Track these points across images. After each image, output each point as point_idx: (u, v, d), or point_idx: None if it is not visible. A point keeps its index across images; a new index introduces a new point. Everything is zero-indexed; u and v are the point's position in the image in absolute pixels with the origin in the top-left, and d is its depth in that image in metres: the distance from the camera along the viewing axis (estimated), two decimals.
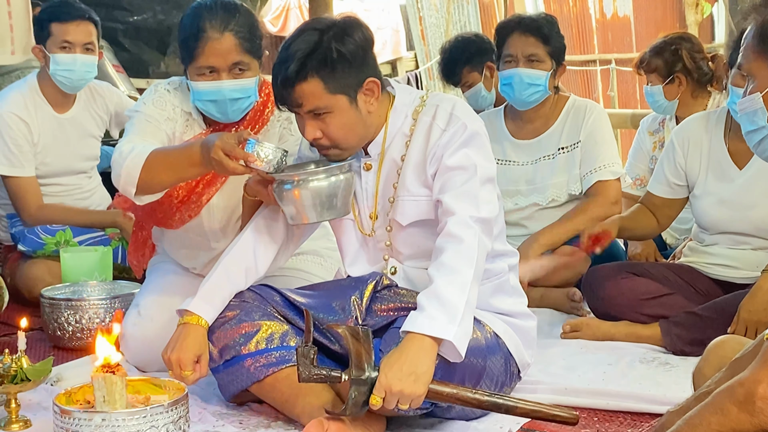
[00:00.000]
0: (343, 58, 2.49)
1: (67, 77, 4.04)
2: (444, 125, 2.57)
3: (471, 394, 2.36)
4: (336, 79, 2.49)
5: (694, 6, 14.18)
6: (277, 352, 2.59)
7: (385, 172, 2.65)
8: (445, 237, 2.43)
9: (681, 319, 3.22)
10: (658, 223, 3.53)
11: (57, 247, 3.95)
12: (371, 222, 2.69)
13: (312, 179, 2.56)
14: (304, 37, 2.50)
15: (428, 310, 2.31)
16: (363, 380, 2.30)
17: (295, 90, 2.49)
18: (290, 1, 11.75)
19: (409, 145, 2.62)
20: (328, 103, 2.50)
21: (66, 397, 2.35)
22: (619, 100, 12.09)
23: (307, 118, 2.53)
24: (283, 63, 2.50)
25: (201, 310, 2.61)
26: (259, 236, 2.71)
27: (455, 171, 2.50)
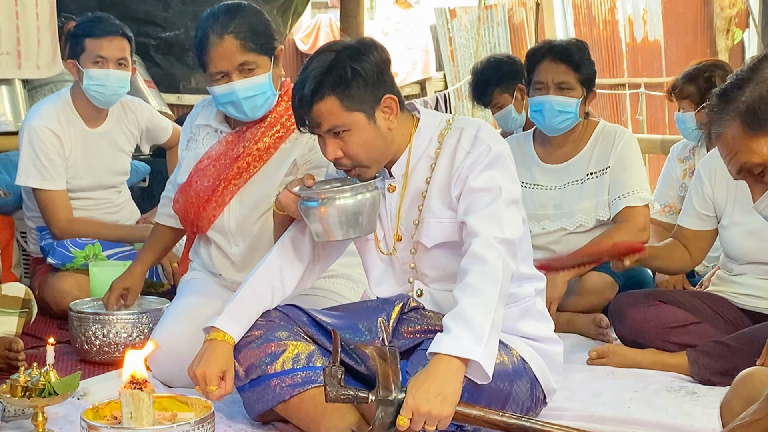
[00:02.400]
0: (358, 75, 2.52)
1: (100, 92, 4.07)
2: (468, 147, 2.58)
3: (498, 416, 2.35)
4: (352, 97, 2.52)
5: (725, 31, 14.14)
6: (303, 373, 2.60)
7: (410, 194, 2.66)
8: (470, 258, 2.43)
9: (709, 348, 3.20)
10: (691, 256, 3.48)
11: (86, 261, 3.97)
12: (394, 242, 2.69)
13: (338, 197, 2.57)
14: (321, 57, 2.55)
15: (454, 331, 2.32)
16: (390, 401, 2.30)
17: (312, 110, 2.52)
18: (321, 20, 11.80)
19: (434, 167, 2.63)
20: (345, 120, 2.52)
21: (93, 412, 2.35)
22: (648, 124, 12.05)
23: (328, 138, 2.56)
24: (300, 84, 2.54)
25: (227, 327, 2.62)
26: (286, 255, 2.72)
27: (480, 193, 2.52)
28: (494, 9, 12.66)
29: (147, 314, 3.38)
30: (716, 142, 1.93)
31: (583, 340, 3.69)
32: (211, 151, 3.20)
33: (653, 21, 13.83)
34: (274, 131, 3.15)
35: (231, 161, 3.15)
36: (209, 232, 3.24)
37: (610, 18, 13.53)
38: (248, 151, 3.14)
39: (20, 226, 4.50)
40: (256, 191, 3.14)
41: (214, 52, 3.02)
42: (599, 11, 13.42)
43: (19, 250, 4.56)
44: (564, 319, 3.71)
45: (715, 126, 1.89)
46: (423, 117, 2.68)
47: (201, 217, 3.21)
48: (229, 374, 2.60)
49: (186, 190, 3.23)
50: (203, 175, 3.19)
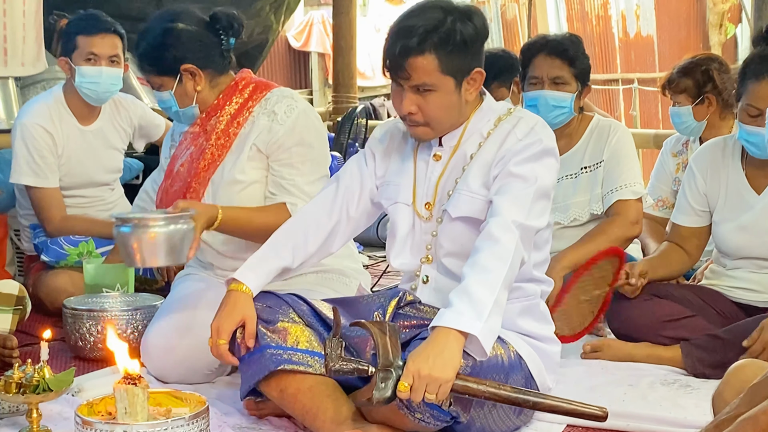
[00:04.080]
0: (462, 41, 2.55)
1: (93, 89, 4.07)
2: (522, 136, 2.61)
3: (497, 389, 2.36)
4: (451, 60, 2.55)
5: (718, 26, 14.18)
6: (300, 354, 2.61)
7: (452, 166, 2.69)
8: (484, 237, 2.46)
9: (702, 341, 3.21)
10: (688, 255, 3.49)
11: (80, 258, 3.97)
12: (426, 211, 2.71)
13: (151, 225, 2.69)
14: (429, 13, 2.56)
15: (456, 306, 2.34)
16: (390, 372, 2.31)
17: (408, 62, 2.53)
18: (314, 17, 11.81)
19: (482, 145, 2.66)
20: (436, 81, 2.55)
21: (88, 408, 2.35)
22: (642, 119, 12.09)
23: (408, 92, 2.58)
24: (403, 34, 2.54)
25: (245, 278, 2.64)
26: (313, 214, 2.77)
27: (516, 178, 2.54)
28: (487, 5, 12.68)
29: (141, 311, 3.38)
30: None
31: None
32: (179, 151, 3.32)
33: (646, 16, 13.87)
34: (233, 122, 3.22)
35: (198, 156, 3.24)
36: None
37: (603, 13, 13.57)
38: (210, 143, 3.23)
39: (14, 223, 4.49)
40: (224, 179, 3.20)
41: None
42: (592, 6, 13.45)
43: (12, 247, 4.55)
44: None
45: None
46: (487, 99, 2.73)
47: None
48: (250, 321, 2.60)
49: (165, 192, 3.33)
50: (177, 176, 3.29)
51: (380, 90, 11.93)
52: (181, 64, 3.18)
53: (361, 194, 2.80)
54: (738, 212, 3.33)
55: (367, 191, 2.80)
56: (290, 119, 3.16)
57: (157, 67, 3.19)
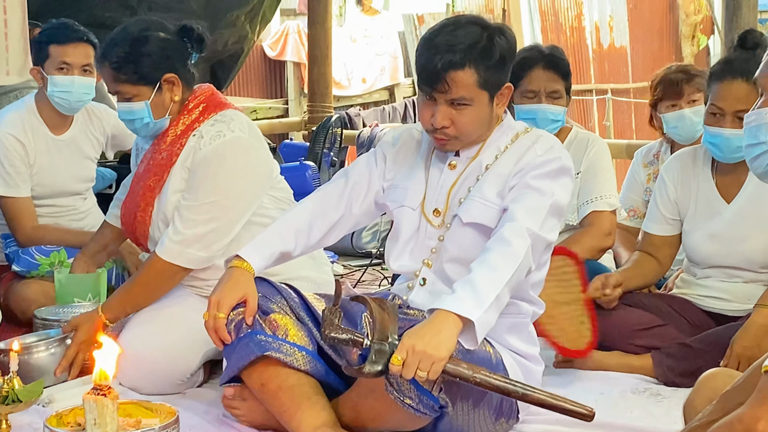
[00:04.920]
0: (501, 56, 2.62)
1: (65, 99, 4.05)
2: (542, 152, 2.66)
3: (487, 376, 2.37)
4: (488, 76, 2.60)
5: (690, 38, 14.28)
6: (287, 345, 2.62)
7: (466, 175, 2.73)
8: (497, 239, 2.49)
9: (673, 350, 3.23)
10: (659, 264, 3.50)
11: (51, 268, 3.94)
12: (434, 217, 2.73)
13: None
14: (468, 28, 2.61)
15: (459, 293, 2.37)
16: (384, 344, 2.33)
17: (449, 75, 2.57)
18: (289, 26, 11.79)
19: (498, 157, 2.71)
20: (473, 95, 2.60)
21: (57, 419, 2.34)
22: (615, 129, 12.15)
23: (443, 105, 2.61)
24: (444, 48, 2.57)
25: (249, 257, 2.65)
26: (321, 204, 2.79)
27: (533, 191, 2.59)
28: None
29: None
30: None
31: None
32: (138, 171, 3.31)
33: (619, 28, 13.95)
34: (177, 142, 3.20)
35: (146, 176, 3.24)
36: (150, 246, 3.28)
37: (577, 25, 13.64)
38: (156, 163, 3.22)
39: None
40: (167, 200, 3.19)
41: (101, 75, 3.24)
42: (566, 18, 13.52)
43: None
44: None
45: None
46: (507, 117, 2.79)
47: (137, 235, 3.30)
48: (251, 298, 2.61)
49: (122, 211, 3.35)
50: (132, 194, 3.30)
51: (355, 99, 11.93)
52: (164, 73, 3.17)
53: (367, 193, 2.83)
54: (708, 221, 3.36)
55: (373, 191, 2.83)
56: (212, 145, 3.11)
57: (137, 76, 3.15)
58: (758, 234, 3.28)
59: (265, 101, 11.24)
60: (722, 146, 3.23)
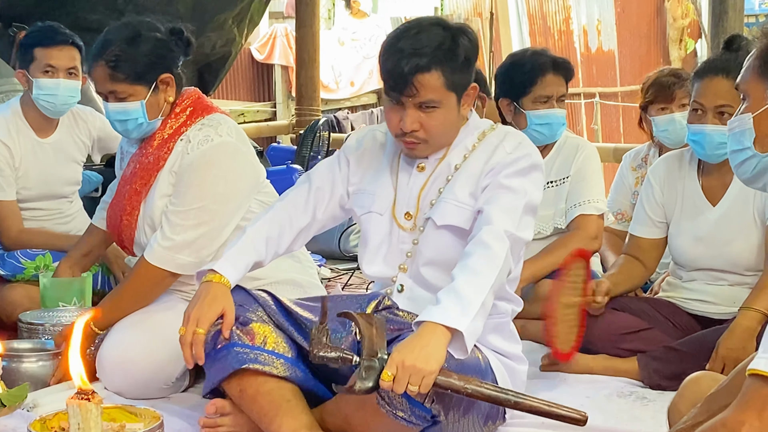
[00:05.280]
0: (465, 57, 2.61)
1: (50, 102, 4.04)
2: (511, 149, 2.67)
3: (478, 386, 2.37)
4: (454, 76, 2.60)
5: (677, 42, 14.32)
6: (266, 354, 2.60)
7: (435, 176, 2.72)
8: (476, 243, 2.48)
9: (659, 353, 3.24)
10: (645, 267, 3.50)
11: (37, 272, 3.92)
12: (406, 220, 2.73)
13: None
14: (431, 31, 2.59)
15: (444, 303, 2.36)
16: (374, 360, 2.32)
17: (417, 79, 2.55)
18: (277, 29, 11.79)
19: (467, 157, 2.70)
20: (441, 97, 2.60)
21: (41, 423, 2.32)
22: (603, 133, 12.18)
23: (411, 109, 2.60)
24: (408, 52, 2.56)
25: (224, 270, 2.63)
26: (287, 214, 2.77)
27: (506, 190, 2.59)
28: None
29: None
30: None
31: (536, 346, 3.69)
32: (124, 174, 3.30)
33: (607, 31, 13.98)
34: (165, 146, 3.19)
35: (132, 179, 3.22)
36: (136, 251, 3.28)
37: (565, 28, 13.67)
38: (143, 167, 3.20)
39: None
40: (154, 204, 3.18)
41: (92, 75, 3.18)
42: (554, 21, 13.55)
43: None
44: (517, 325, 3.70)
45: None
46: (473, 116, 2.78)
47: (123, 238, 3.29)
48: (229, 313, 2.59)
49: (108, 214, 3.34)
50: (118, 197, 3.28)
51: (343, 103, 11.94)
52: (160, 73, 3.16)
53: (331, 197, 2.81)
54: (694, 223, 3.36)
55: (337, 195, 2.82)
56: (199, 150, 3.11)
57: (135, 75, 3.12)
58: (743, 236, 3.29)
59: (252, 104, 11.23)
60: (704, 143, 3.24)
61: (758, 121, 1.92)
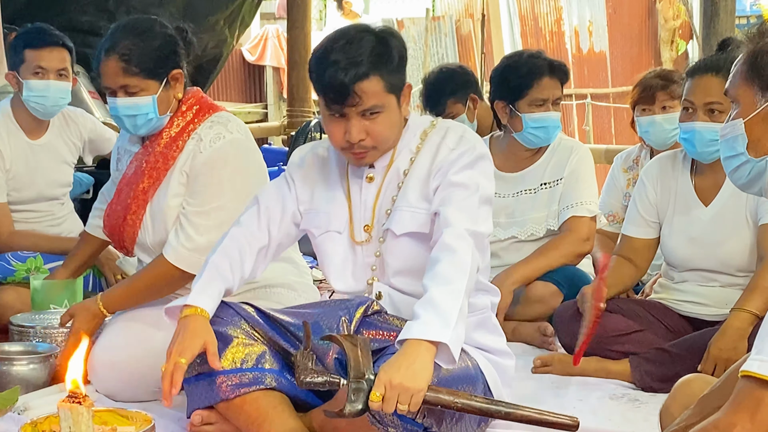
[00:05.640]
0: (400, 58, 2.61)
1: (41, 103, 4.03)
2: (453, 145, 2.65)
3: (468, 400, 2.36)
4: (392, 79, 2.60)
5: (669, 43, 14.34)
6: (251, 373, 2.59)
7: (386, 185, 2.71)
8: (440, 248, 2.46)
9: (651, 355, 3.24)
10: (636, 268, 3.50)
11: (27, 274, 3.92)
12: (366, 234, 2.71)
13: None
14: (361, 38, 2.58)
15: (423, 317, 2.34)
16: (362, 381, 2.31)
17: (358, 87, 2.54)
18: (269, 31, 11.79)
19: (414, 160, 2.69)
20: (384, 101, 2.59)
21: (32, 427, 2.31)
22: (594, 134, 12.19)
23: (355, 119, 2.58)
24: (344, 63, 2.54)
25: (199, 302, 2.58)
26: (243, 237, 2.73)
27: (458, 187, 2.57)
28: (442, 20, 12.74)
29: None
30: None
31: (528, 348, 3.71)
32: (126, 172, 3.26)
33: (599, 32, 13.99)
34: (173, 144, 3.17)
35: (138, 178, 3.19)
36: (136, 251, 3.27)
37: (557, 29, 13.67)
38: (150, 165, 3.17)
39: None
40: (162, 204, 3.16)
41: (102, 69, 3.11)
42: (545, 22, 13.56)
43: None
44: (509, 327, 3.72)
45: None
46: (412, 116, 2.76)
47: (124, 238, 3.25)
48: (212, 345, 2.54)
49: (108, 213, 3.30)
50: (119, 197, 3.25)
51: None
52: (171, 69, 3.14)
53: (283, 215, 2.77)
54: (686, 224, 3.37)
55: (289, 213, 2.77)
56: (212, 148, 3.09)
57: (148, 69, 3.09)
58: (735, 237, 3.29)
59: (244, 106, 11.23)
60: (694, 140, 3.25)
61: (750, 127, 1.93)
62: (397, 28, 12.36)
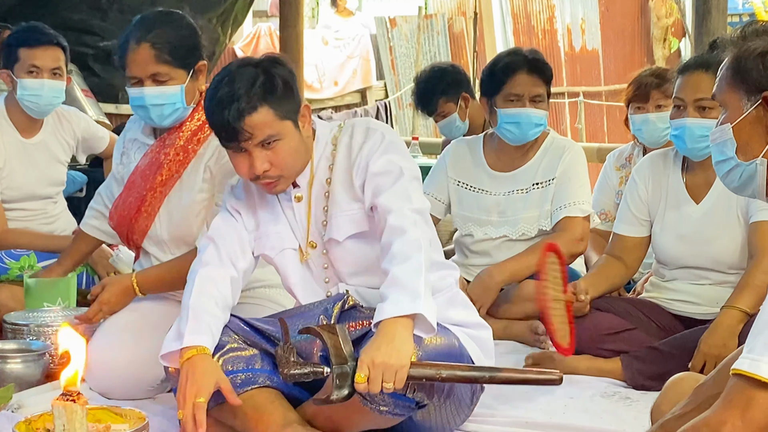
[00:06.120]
0: (285, 84, 2.60)
1: (35, 102, 4.03)
2: (362, 139, 2.68)
3: (452, 370, 2.39)
4: (282, 106, 2.59)
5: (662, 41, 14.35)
6: (243, 374, 2.61)
7: (314, 199, 2.73)
8: (389, 231, 2.50)
9: (642, 354, 3.26)
10: (626, 267, 3.53)
11: (21, 272, 3.92)
12: (311, 250, 2.75)
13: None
14: (241, 73, 2.59)
15: (391, 297, 2.38)
16: (345, 367, 2.34)
17: (245, 122, 2.55)
18: (261, 28, 11.79)
19: (332, 168, 2.71)
20: (279, 129, 2.59)
21: (26, 425, 2.32)
22: (587, 132, 12.20)
23: (256, 151, 2.59)
24: (227, 101, 2.55)
25: (197, 341, 2.55)
26: (210, 273, 2.69)
27: (383, 175, 2.61)
28: (434, 18, 12.75)
29: (83, 326, 3.35)
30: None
31: (519, 346, 3.72)
32: (139, 164, 3.25)
33: (591, 30, 14.00)
34: (193, 138, 3.18)
35: (155, 170, 3.19)
36: (145, 244, 3.26)
37: (549, 27, 13.68)
38: (169, 157, 3.18)
39: None
40: (181, 198, 3.17)
41: (130, 58, 3.09)
42: (538, 20, 13.57)
43: None
44: (500, 326, 3.74)
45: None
46: (318, 126, 2.78)
47: (134, 230, 3.24)
48: (224, 383, 2.52)
49: (118, 205, 3.28)
50: (132, 188, 3.23)
51: (327, 102, 11.94)
52: (198, 60, 3.17)
53: (242, 245, 2.76)
54: (677, 222, 3.39)
55: (246, 242, 2.77)
56: None
57: (179, 58, 3.10)
58: (726, 234, 3.31)
59: None
60: (685, 136, 3.27)
61: (737, 131, 1.94)
62: (389, 26, 12.39)
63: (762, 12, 12.86)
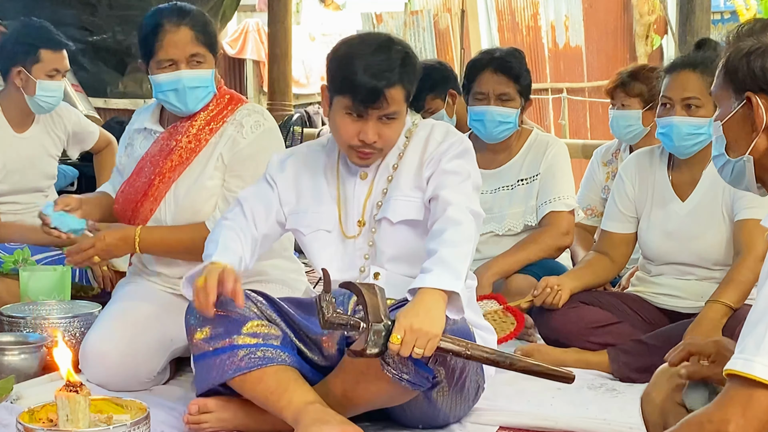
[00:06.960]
0: (419, 72, 2.78)
1: (50, 103, 4.12)
2: (441, 138, 2.81)
3: (478, 349, 2.49)
4: (410, 90, 2.75)
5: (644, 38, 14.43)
6: (272, 350, 2.66)
7: (377, 180, 2.83)
8: (444, 220, 2.62)
9: (628, 347, 3.32)
10: (612, 263, 3.58)
11: (15, 266, 3.94)
12: (358, 228, 2.82)
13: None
14: (394, 47, 2.72)
15: (435, 270, 2.48)
16: (380, 326, 2.41)
17: (389, 93, 2.67)
18: (249, 24, 11.80)
19: (402, 155, 2.83)
20: (400, 109, 2.74)
21: (29, 415, 2.36)
22: (570, 128, 12.26)
23: (373, 121, 2.71)
24: (380, 67, 2.66)
25: (224, 259, 2.66)
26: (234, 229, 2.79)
27: (451, 174, 2.73)
28: (420, 14, 12.78)
29: (79, 318, 3.38)
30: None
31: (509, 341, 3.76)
32: (149, 150, 3.28)
33: (575, 27, 14.07)
34: (206, 127, 3.23)
35: (165, 156, 3.23)
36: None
37: (533, 24, 13.74)
38: (180, 144, 3.22)
39: None
40: (189, 184, 3.21)
41: (168, 40, 3.12)
42: (522, 17, 13.62)
43: None
44: None
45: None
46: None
47: (138, 213, 3.27)
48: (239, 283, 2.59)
49: (125, 189, 3.31)
50: (141, 173, 3.27)
51: (315, 97, 11.96)
52: (218, 48, 3.28)
53: (268, 214, 2.85)
54: (663, 218, 3.44)
55: (273, 212, 2.86)
56: (254, 134, 3.20)
57: (212, 42, 3.21)
58: (712, 231, 3.36)
59: None
60: (672, 134, 3.32)
61: (726, 129, 2.00)
62: (375, 22, 12.41)
63: (743, 10, 12.95)
